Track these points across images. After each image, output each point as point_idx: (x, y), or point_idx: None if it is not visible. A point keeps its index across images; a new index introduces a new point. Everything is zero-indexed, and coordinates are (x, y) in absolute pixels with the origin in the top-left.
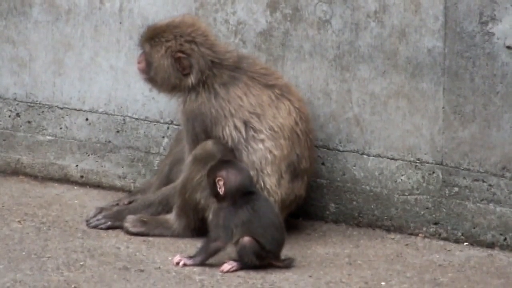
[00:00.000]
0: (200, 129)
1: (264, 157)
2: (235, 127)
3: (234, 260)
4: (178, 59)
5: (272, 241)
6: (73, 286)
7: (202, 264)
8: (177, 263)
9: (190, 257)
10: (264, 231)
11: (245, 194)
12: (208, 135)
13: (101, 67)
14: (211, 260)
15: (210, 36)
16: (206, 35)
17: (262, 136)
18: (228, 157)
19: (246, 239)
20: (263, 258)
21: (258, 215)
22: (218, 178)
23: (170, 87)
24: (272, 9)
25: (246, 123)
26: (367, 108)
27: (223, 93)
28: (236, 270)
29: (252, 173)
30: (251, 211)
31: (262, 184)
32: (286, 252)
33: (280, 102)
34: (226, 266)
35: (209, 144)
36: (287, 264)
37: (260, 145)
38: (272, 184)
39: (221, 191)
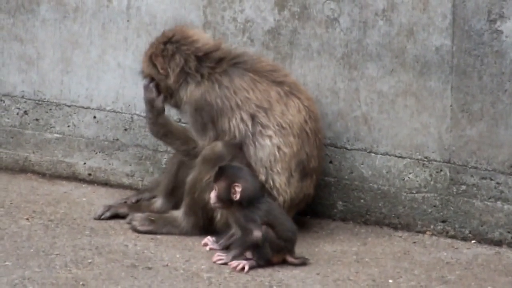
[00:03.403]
0: (208, 119)
1: (273, 154)
2: (242, 119)
3: (245, 258)
4: (155, 62)
5: (290, 229)
6: (81, 283)
7: (240, 255)
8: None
9: (227, 255)
10: (283, 219)
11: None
12: (215, 125)
13: (109, 65)
14: None
15: (192, 33)
16: (185, 34)
17: (269, 132)
18: (238, 160)
19: (263, 227)
20: (279, 250)
21: (274, 206)
22: (235, 185)
23: (167, 93)
24: (280, 7)
25: (253, 117)
26: (375, 107)
27: (226, 81)
28: (249, 269)
29: (261, 171)
30: (268, 202)
31: (272, 183)
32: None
33: (290, 99)
34: (235, 264)
35: (218, 146)
36: (302, 261)
37: (268, 141)
38: (282, 183)
39: (235, 197)
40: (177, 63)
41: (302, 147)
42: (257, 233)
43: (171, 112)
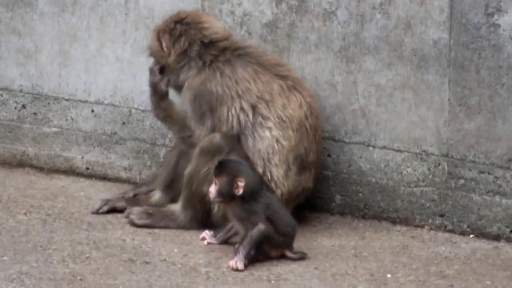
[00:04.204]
0: (206, 107)
1: (271, 146)
2: (242, 109)
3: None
4: (161, 39)
5: (289, 224)
6: (78, 278)
7: (251, 251)
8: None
9: (237, 256)
10: (282, 213)
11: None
12: (214, 114)
13: (107, 58)
14: (217, 252)
15: (204, 20)
16: (198, 19)
17: (269, 124)
18: (236, 152)
19: (260, 225)
20: (278, 245)
21: (273, 200)
22: (238, 179)
23: (169, 73)
24: (277, 0)
25: (254, 108)
26: (373, 100)
27: (229, 71)
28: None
29: (259, 163)
30: (268, 196)
31: (269, 175)
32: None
33: (292, 94)
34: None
35: (216, 138)
36: (300, 256)
37: (267, 133)
38: (280, 176)
39: (238, 191)
40: (181, 45)
41: (300, 142)
42: (261, 226)
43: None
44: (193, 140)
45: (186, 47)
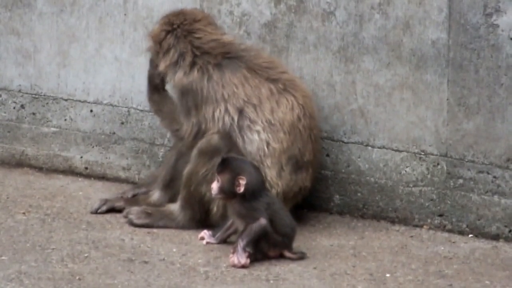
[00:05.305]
0: (192, 104)
1: (262, 149)
2: (227, 111)
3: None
4: (153, 46)
5: (289, 225)
6: (77, 277)
7: (249, 243)
8: (235, 265)
9: (236, 251)
10: (282, 214)
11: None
12: (198, 112)
13: (106, 58)
14: (216, 252)
15: (198, 28)
16: (191, 28)
17: (257, 128)
18: (234, 153)
19: (261, 220)
20: (276, 244)
21: (275, 200)
22: (240, 177)
23: (164, 72)
24: (276, 0)
25: (240, 111)
26: (372, 100)
27: (217, 75)
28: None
29: None
30: (269, 196)
31: (264, 176)
32: None
33: (282, 97)
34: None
35: (214, 138)
36: (299, 256)
37: (256, 136)
38: (273, 176)
39: (239, 189)
40: (170, 57)
41: (294, 143)
42: (263, 220)
43: None
44: (180, 133)
45: (176, 59)
